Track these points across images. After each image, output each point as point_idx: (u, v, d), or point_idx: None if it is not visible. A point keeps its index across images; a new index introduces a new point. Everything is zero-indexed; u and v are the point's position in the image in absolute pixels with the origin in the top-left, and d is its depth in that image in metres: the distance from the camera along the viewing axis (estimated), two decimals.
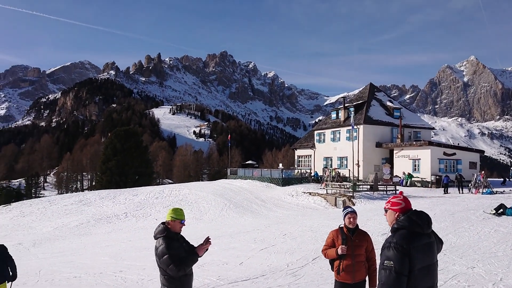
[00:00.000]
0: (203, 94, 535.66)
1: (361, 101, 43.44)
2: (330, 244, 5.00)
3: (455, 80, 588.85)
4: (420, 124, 44.56)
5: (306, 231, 15.56)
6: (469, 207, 18.40)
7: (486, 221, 14.14)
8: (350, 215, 4.95)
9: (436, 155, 35.20)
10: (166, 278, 4.29)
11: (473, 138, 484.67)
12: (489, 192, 26.89)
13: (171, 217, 4.45)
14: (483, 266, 8.44)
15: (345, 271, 4.79)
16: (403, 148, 37.49)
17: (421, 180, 34.83)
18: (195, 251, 4.45)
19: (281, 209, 26.33)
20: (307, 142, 49.40)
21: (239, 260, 11.64)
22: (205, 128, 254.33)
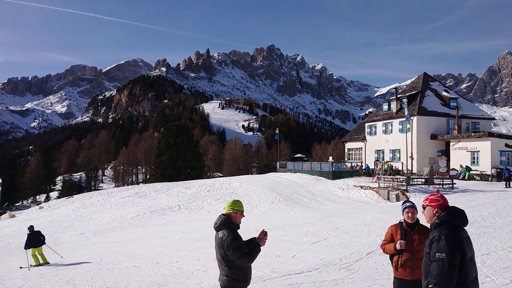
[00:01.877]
0: (251, 88, 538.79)
1: (415, 92, 41.88)
2: (389, 239, 4.88)
3: None
4: (479, 114, 42.29)
5: (358, 225, 15.29)
6: None
7: None
8: (409, 210, 4.79)
9: (497, 147, 33.30)
10: (231, 268, 4.38)
11: None
12: None
13: (232, 209, 4.54)
14: None
15: (403, 267, 4.66)
16: (460, 140, 35.79)
17: (481, 173, 33.12)
18: (257, 243, 4.53)
19: (332, 203, 26.04)
20: (358, 135, 48.40)
21: (291, 253, 11.66)
22: (253, 122, 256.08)
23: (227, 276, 4.41)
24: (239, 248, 4.32)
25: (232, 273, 4.38)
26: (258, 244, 4.53)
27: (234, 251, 4.30)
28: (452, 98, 41.17)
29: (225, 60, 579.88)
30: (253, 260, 4.41)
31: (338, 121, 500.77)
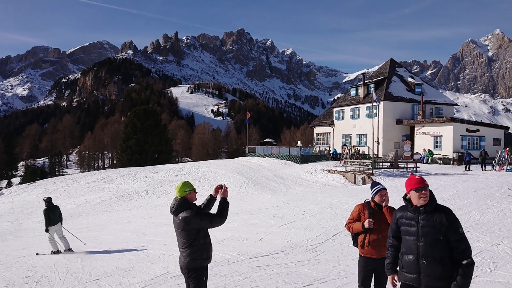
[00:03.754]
0: (221, 73, 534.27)
1: (381, 77, 42.58)
2: (356, 217, 4.89)
3: (479, 55, 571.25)
4: (442, 100, 43.54)
5: (325, 208, 15.51)
6: (493, 184, 18.03)
7: (511, 198, 13.83)
8: (382, 192, 4.79)
9: (459, 132, 34.47)
10: (193, 247, 4.57)
11: (497, 114, 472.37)
12: None
13: (185, 191, 4.68)
14: (508, 243, 8.27)
15: (371, 246, 4.69)
16: (425, 124, 36.80)
17: (443, 157, 34.25)
18: (222, 198, 4.76)
19: (300, 187, 26.32)
20: (326, 120, 48.95)
21: (258, 236, 11.70)
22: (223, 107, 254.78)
23: (189, 256, 4.58)
24: (207, 215, 4.59)
25: (193, 251, 4.57)
26: (223, 198, 4.76)
27: (204, 220, 4.55)
28: (417, 84, 42.13)
29: (194, 43, 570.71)
30: (226, 214, 4.68)
31: (307, 106, 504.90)
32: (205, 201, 4.95)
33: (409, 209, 3.67)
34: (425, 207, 3.57)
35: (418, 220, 3.58)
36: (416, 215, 3.61)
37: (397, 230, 3.78)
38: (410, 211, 3.65)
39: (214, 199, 4.95)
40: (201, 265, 4.63)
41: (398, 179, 24.60)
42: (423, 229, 3.52)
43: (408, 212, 3.68)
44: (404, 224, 3.69)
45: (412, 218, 3.62)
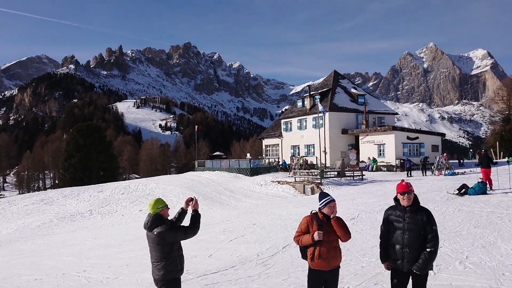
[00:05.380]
0: (168, 87, 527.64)
1: (326, 89, 43.77)
2: (304, 230, 4.76)
3: (416, 66, 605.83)
4: (384, 110, 45.40)
5: (275, 219, 15.46)
6: (433, 189, 18.85)
7: (450, 201, 14.48)
8: (331, 204, 4.67)
9: (400, 140, 35.98)
10: (167, 259, 4.76)
11: (434, 122, 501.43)
12: (451, 173, 27.75)
13: (159, 207, 4.86)
14: (449, 245, 8.56)
15: (322, 258, 4.58)
16: (368, 133, 38.11)
17: (386, 164, 35.55)
18: (193, 210, 4.98)
19: (250, 199, 26.20)
20: (274, 131, 49.45)
21: (208, 253, 11.39)
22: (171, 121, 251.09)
23: (164, 269, 4.76)
24: (180, 229, 4.84)
25: (168, 264, 4.76)
26: (195, 210, 4.97)
27: (179, 233, 4.80)
28: (360, 95, 43.70)
29: (139, 57, 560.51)
30: (198, 226, 4.90)
31: (256, 119, 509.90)
32: (177, 214, 5.15)
33: (398, 208, 4.52)
34: (411, 207, 4.44)
35: (405, 217, 4.44)
36: (403, 214, 4.47)
37: (387, 224, 4.59)
38: (399, 210, 4.51)
39: (185, 212, 5.16)
40: (176, 277, 4.86)
41: (345, 188, 25.14)
42: (408, 225, 4.40)
43: (397, 210, 4.52)
44: (393, 220, 4.53)
45: (400, 216, 4.48)
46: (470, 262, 7.19)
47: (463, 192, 15.59)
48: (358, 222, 12.59)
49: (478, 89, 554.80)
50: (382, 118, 43.50)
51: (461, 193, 15.59)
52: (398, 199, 4.55)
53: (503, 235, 8.84)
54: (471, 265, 7.03)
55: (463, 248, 8.21)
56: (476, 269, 6.78)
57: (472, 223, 10.42)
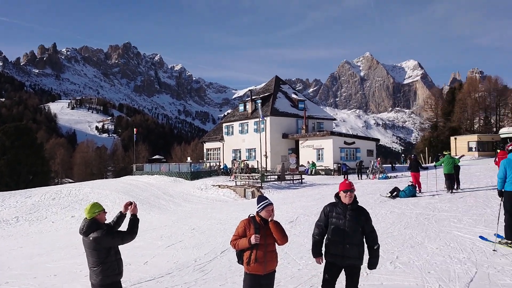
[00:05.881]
0: (106, 88, 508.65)
1: (268, 94, 44.30)
2: (241, 233, 4.69)
3: (353, 74, 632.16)
4: (323, 115, 46.77)
5: (215, 224, 15.29)
6: (368, 192, 19.61)
7: (382, 203, 15.11)
8: (269, 207, 4.65)
9: (338, 145, 37.20)
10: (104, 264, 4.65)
11: (369, 128, 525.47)
12: (384, 177, 29.05)
13: (95, 212, 4.74)
14: (382, 246, 8.86)
15: (258, 262, 4.53)
16: (308, 138, 39.02)
17: (325, 168, 36.58)
18: (132, 214, 4.89)
19: (190, 204, 25.79)
20: (216, 135, 49.21)
21: (143, 260, 10.98)
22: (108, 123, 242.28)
23: (102, 274, 4.65)
24: (118, 233, 4.78)
25: (105, 269, 4.66)
26: (133, 215, 4.89)
27: (116, 238, 4.71)
28: (300, 100, 44.70)
29: (75, 56, 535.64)
30: (137, 230, 4.82)
31: (198, 122, 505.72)
32: (115, 218, 5.08)
33: (339, 205, 4.69)
34: (352, 205, 4.66)
35: (346, 215, 4.62)
36: (344, 211, 4.64)
37: (326, 220, 4.72)
38: (340, 207, 4.67)
39: (124, 216, 5.08)
40: (114, 281, 4.78)
41: (285, 191, 25.49)
42: (349, 222, 4.58)
43: (338, 208, 4.68)
44: (333, 217, 4.66)
45: (341, 213, 4.64)
46: (400, 262, 7.48)
47: (394, 195, 16.34)
48: (296, 225, 12.76)
49: (410, 97, 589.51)
50: (321, 124, 44.77)
51: (393, 195, 16.33)
52: (339, 197, 4.72)
53: (430, 235, 9.32)
54: (400, 264, 7.32)
55: (394, 248, 8.54)
56: (405, 268, 7.06)
57: (402, 224, 10.90)
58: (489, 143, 51.73)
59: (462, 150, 48.36)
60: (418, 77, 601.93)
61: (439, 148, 61.23)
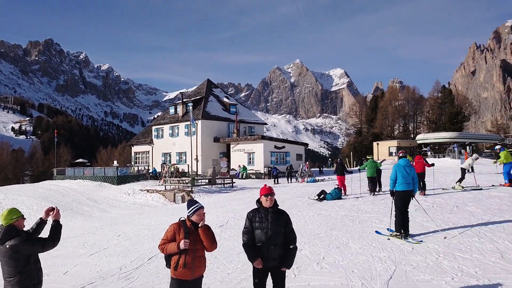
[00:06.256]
0: (24, 86, 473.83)
1: (199, 97, 43.94)
2: (171, 238, 4.57)
3: (284, 80, 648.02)
4: (254, 120, 47.33)
5: (142, 230, 14.78)
6: (297, 195, 20.10)
7: (310, 206, 15.55)
8: (200, 211, 4.62)
9: (268, 149, 37.81)
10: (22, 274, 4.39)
11: (299, 133, 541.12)
12: (312, 180, 30.01)
13: (12, 218, 4.48)
14: (309, 247, 9.10)
15: (186, 267, 4.45)
16: (239, 142, 39.23)
17: (255, 172, 36.98)
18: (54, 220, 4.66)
19: (116, 209, 24.74)
20: (145, 138, 47.81)
21: (63, 269, 10.30)
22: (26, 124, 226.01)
23: (19, 284, 4.39)
24: (38, 241, 4.52)
25: (23, 278, 4.41)
26: (56, 221, 4.66)
27: (36, 245, 4.45)
28: (232, 104, 44.86)
29: None
30: (59, 237, 4.60)
31: (126, 125, 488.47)
32: (35, 225, 4.86)
33: (261, 210, 4.86)
34: (273, 208, 4.86)
35: (268, 218, 4.80)
36: (266, 214, 4.82)
37: (251, 226, 4.84)
38: (262, 211, 4.84)
39: (44, 222, 4.85)
40: None
41: (216, 195, 25.36)
42: (271, 225, 4.76)
43: (260, 212, 4.84)
44: (257, 221, 4.81)
45: (263, 217, 4.81)
46: (326, 263, 7.70)
47: (322, 197, 16.90)
48: (226, 229, 12.71)
49: (337, 104, 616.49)
50: (253, 128, 45.27)
51: (320, 198, 16.88)
52: (260, 202, 4.91)
53: (354, 236, 9.74)
54: (326, 265, 7.54)
55: (320, 249, 8.79)
56: (331, 268, 7.29)
57: (329, 226, 11.28)
58: (408, 148, 55.55)
59: (383, 155, 51.52)
60: (344, 85, 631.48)
61: (363, 152, 64.65)
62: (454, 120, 67.61)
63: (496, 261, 6.75)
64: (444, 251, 7.64)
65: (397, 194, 9.03)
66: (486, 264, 6.66)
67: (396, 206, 9.07)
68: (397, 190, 9.02)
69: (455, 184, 17.08)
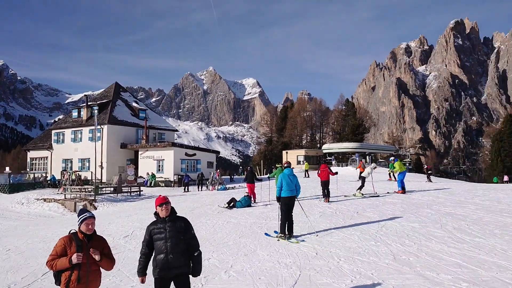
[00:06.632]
0: None
1: (106, 100, 41.85)
2: (61, 252, 4.23)
3: (197, 87, 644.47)
4: (165, 126, 46.27)
5: (37, 243, 13.53)
6: (207, 203, 19.95)
7: (220, 214, 15.51)
8: (89, 221, 4.38)
9: (179, 156, 37.16)
10: None
11: (211, 140, 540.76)
12: (223, 188, 30.04)
13: None
14: (217, 256, 9.02)
15: (80, 283, 4.16)
16: (148, 149, 38.02)
17: (165, 180, 36.06)
18: None
19: (7, 221, 22.38)
20: (43, 143, 44.22)
21: None
22: None
23: None
24: None
25: None
26: None
27: None
28: (142, 110, 43.40)
29: None
30: None
31: (22, 128, 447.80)
32: None
33: (159, 221, 4.78)
34: (169, 217, 4.78)
35: (166, 227, 4.71)
36: (164, 224, 4.74)
37: (150, 240, 4.74)
38: (160, 222, 4.75)
39: None
40: None
41: (121, 204, 24.20)
42: (170, 233, 4.68)
43: (158, 223, 4.76)
44: (155, 233, 4.71)
45: (161, 227, 4.72)
46: (234, 271, 7.68)
47: (232, 205, 16.97)
48: (131, 239, 12.16)
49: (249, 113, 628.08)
50: (163, 134, 44.20)
51: (230, 206, 16.93)
52: (158, 213, 4.83)
53: (262, 243, 9.88)
54: (234, 273, 7.52)
55: (229, 257, 8.76)
56: (239, 276, 7.28)
57: (238, 234, 11.32)
58: (315, 157, 58.39)
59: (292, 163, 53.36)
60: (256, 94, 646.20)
61: (273, 161, 66.52)
62: (356, 132, 72.64)
63: (390, 263, 7.28)
64: (345, 255, 8.06)
65: (282, 199, 10.11)
66: (381, 266, 7.15)
67: (282, 210, 10.08)
68: (282, 196, 10.11)
69: (356, 192, 18.25)
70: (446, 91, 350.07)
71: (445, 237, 9.00)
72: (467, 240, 8.60)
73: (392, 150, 65.58)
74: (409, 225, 10.65)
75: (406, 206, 14.18)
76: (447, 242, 8.52)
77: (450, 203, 14.40)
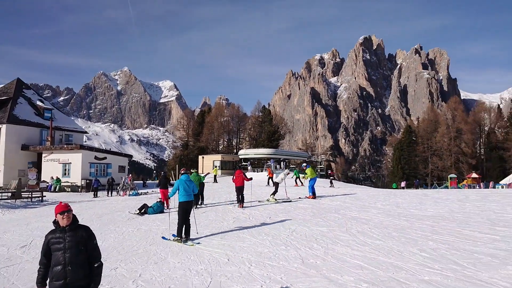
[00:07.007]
0: None
1: (6, 97, 38.27)
2: None
3: (110, 87, 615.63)
4: (73, 127, 43.51)
5: None
6: (116, 209, 19.07)
7: (130, 221, 14.90)
8: None
9: (88, 159, 35.15)
10: None
11: (124, 144, 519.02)
12: (135, 193, 28.98)
13: None
14: (125, 265, 8.63)
15: None
16: (53, 151, 35.45)
17: (71, 184, 33.86)
18: None
19: None
20: None
21: None
22: None
23: None
24: None
25: None
26: None
27: None
28: (47, 109, 40.36)
29: None
30: None
31: None
32: None
33: (58, 230, 4.48)
34: (70, 226, 4.49)
35: (65, 237, 4.42)
36: (63, 234, 4.44)
37: (47, 249, 4.45)
38: (59, 232, 4.46)
39: None
40: None
41: (20, 211, 22.18)
42: (69, 243, 4.39)
43: (57, 233, 4.46)
44: (53, 243, 4.42)
45: (60, 237, 4.43)
46: (142, 280, 7.40)
47: (143, 211, 16.40)
48: (30, 249, 11.18)
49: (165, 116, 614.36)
50: (70, 136, 41.50)
51: (141, 212, 16.36)
52: (57, 222, 4.54)
53: (173, 250, 9.66)
54: (143, 282, 7.24)
55: (137, 266, 8.42)
56: (147, 285, 7.02)
57: (148, 241, 10.95)
58: (231, 162, 58.77)
59: (208, 168, 53.23)
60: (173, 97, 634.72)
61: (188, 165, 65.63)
62: (272, 138, 74.59)
63: (298, 267, 7.52)
64: (256, 260, 8.17)
65: (180, 204, 10.62)
66: (290, 269, 7.36)
67: (179, 214, 10.54)
68: (180, 201, 10.63)
69: (270, 197, 18.68)
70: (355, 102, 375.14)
71: (349, 240, 9.54)
72: (369, 243, 9.19)
73: (305, 156, 68.36)
74: (318, 229, 11.14)
75: (316, 211, 14.82)
76: (351, 245, 9.04)
77: (356, 208, 15.34)
